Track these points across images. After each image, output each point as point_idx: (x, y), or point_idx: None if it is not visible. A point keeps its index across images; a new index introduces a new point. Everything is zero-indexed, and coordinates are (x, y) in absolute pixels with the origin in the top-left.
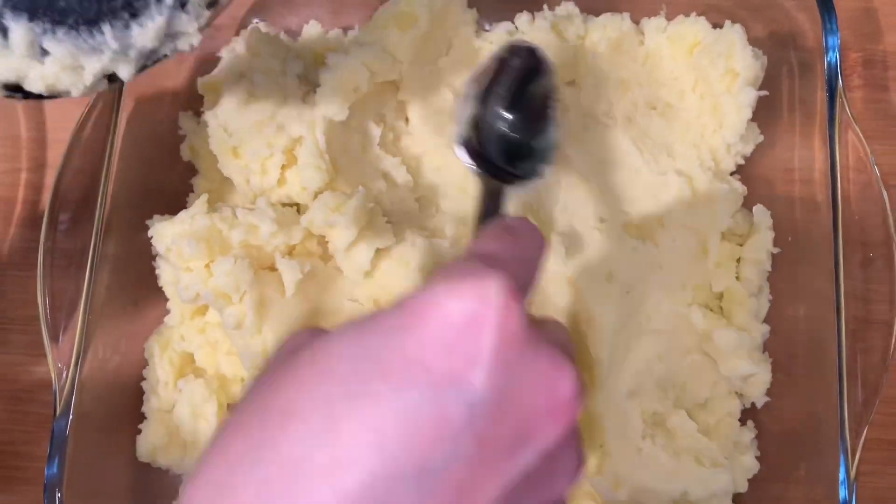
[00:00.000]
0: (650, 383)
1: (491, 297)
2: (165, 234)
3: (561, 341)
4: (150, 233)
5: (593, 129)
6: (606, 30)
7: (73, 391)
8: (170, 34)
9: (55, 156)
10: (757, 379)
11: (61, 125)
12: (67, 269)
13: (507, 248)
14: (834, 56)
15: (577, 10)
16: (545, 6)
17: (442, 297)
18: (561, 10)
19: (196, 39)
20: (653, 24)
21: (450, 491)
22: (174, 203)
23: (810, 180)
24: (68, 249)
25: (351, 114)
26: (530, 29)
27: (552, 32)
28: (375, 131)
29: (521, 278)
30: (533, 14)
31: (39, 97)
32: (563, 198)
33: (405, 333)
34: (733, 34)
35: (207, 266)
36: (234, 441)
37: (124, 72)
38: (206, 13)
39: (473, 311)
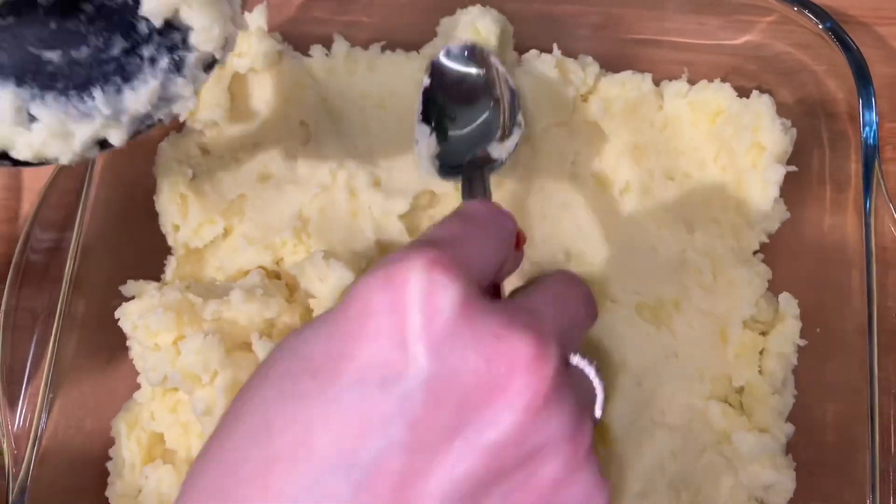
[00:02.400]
0: (662, 484)
1: (409, 280)
2: (132, 312)
3: (535, 308)
4: (116, 314)
5: (604, 197)
6: (625, 88)
7: (27, 477)
8: (164, 98)
9: (31, 207)
10: (780, 487)
11: (38, 173)
12: (31, 329)
13: (454, 231)
14: (871, 132)
15: (592, 61)
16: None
17: (362, 288)
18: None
19: (192, 103)
20: (673, 89)
21: (385, 483)
22: (150, 261)
23: (841, 262)
24: (34, 308)
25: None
26: (536, 64)
27: (556, 70)
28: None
29: (473, 258)
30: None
31: (27, 164)
32: None
33: (332, 328)
34: (761, 106)
35: (175, 343)
36: (207, 446)
37: (115, 138)
38: (203, 76)
39: (392, 297)
